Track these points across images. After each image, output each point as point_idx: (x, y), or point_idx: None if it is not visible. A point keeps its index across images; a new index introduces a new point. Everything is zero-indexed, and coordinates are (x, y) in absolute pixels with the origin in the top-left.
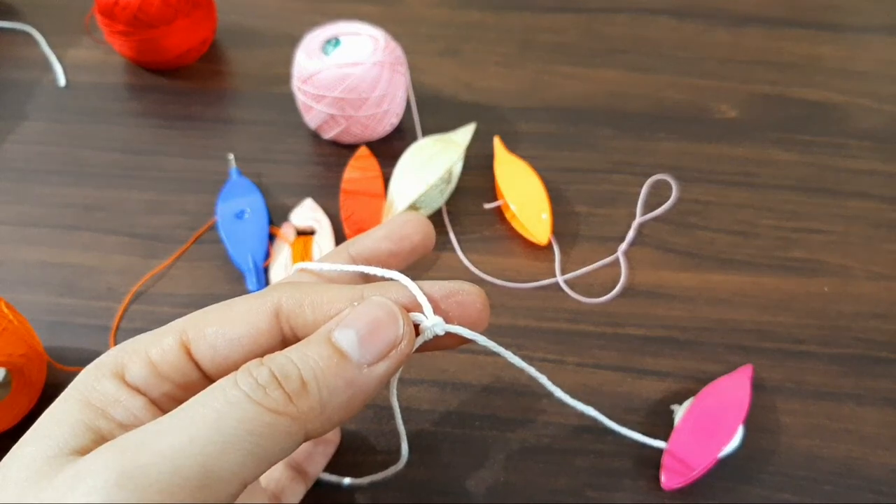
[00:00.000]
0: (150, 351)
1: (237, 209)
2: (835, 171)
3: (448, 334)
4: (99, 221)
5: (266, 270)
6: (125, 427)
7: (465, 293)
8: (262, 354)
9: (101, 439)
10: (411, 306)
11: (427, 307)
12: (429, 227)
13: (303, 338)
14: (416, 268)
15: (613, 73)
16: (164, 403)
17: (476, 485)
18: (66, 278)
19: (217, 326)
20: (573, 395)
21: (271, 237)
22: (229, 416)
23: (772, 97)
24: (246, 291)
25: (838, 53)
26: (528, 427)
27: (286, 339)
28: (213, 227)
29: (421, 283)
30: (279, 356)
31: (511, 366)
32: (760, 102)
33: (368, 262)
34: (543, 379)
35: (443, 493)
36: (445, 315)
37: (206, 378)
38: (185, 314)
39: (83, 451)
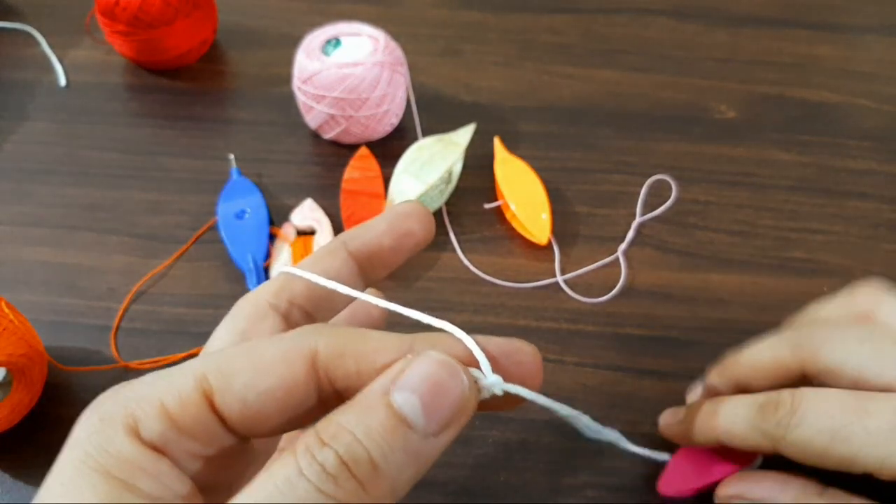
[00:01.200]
0: (166, 400)
1: (237, 209)
2: (834, 172)
3: (504, 394)
4: (99, 221)
5: (266, 270)
6: (155, 500)
7: (523, 353)
8: (297, 407)
9: None
10: (465, 361)
11: (486, 365)
12: (430, 219)
13: (343, 390)
14: (416, 267)
15: (613, 74)
16: (184, 462)
17: (476, 485)
18: (66, 278)
19: (246, 377)
20: (573, 395)
21: (272, 237)
22: None
23: (771, 97)
24: (246, 291)
25: (837, 54)
26: (528, 427)
27: (322, 390)
28: (214, 227)
29: (475, 337)
30: (342, 433)
31: None
32: (760, 102)
33: (370, 260)
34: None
35: (443, 493)
36: (503, 374)
37: (230, 431)
38: (186, 314)
39: None
